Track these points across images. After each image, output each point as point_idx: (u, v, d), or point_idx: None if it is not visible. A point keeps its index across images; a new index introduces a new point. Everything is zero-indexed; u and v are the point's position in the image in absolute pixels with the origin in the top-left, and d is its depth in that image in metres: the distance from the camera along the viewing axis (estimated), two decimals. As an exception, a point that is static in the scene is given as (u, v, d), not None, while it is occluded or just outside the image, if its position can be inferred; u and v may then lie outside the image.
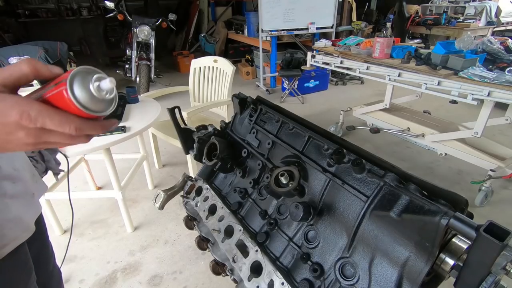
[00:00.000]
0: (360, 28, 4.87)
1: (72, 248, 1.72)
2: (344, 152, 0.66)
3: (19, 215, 0.57)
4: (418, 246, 0.50)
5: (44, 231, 0.80)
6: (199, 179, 1.02)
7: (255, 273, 0.70)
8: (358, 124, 2.96)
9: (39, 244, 0.77)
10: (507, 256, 0.41)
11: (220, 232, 0.83)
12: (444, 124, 2.45)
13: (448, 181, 2.34)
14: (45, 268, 0.82)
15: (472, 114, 3.01)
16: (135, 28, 4.00)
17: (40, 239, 0.78)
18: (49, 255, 0.84)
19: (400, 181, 0.57)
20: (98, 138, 1.44)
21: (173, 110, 0.98)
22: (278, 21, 4.16)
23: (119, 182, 1.69)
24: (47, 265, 0.82)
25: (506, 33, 4.76)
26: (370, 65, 2.35)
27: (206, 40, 6.04)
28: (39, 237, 0.76)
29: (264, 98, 0.95)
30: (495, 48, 1.95)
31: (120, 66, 4.65)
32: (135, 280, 1.55)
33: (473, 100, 1.81)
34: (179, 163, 2.62)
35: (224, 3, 6.68)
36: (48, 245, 0.83)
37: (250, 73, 5.27)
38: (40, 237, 0.77)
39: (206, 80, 2.32)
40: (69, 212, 1.41)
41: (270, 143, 0.83)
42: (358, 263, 0.58)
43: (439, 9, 4.86)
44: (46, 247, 0.81)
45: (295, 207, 0.65)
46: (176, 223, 1.92)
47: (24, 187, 0.60)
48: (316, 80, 4.45)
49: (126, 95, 1.89)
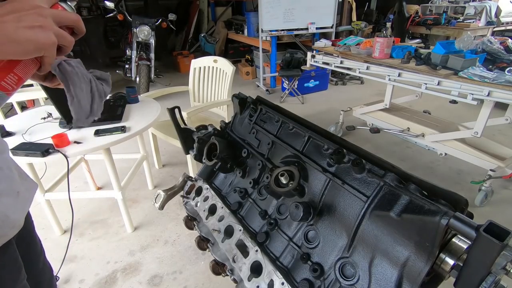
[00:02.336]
0: (360, 28, 4.87)
1: (72, 248, 1.72)
2: (344, 152, 0.66)
3: (5, 213, 0.57)
4: (418, 246, 0.50)
5: (31, 229, 0.79)
6: (199, 179, 1.02)
7: (255, 273, 0.70)
8: (358, 124, 2.96)
9: (28, 242, 0.77)
10: (507, 256, 0.41)
11: (220, 232, 0.83)
12: (444, 124, 2.45)
13: (448, 181, 2.34)
14: (35, 265, 0.81)
15: (472, 114, 3.01)
16: (135, 28, 3.99)
17: (28, 236, 0.77)
18: (39, 252, 0.83)
19: (400, 181, 0.57)
20: (98, 138, 1.44)
21: (173, 110, 0.98)
22: (278, 21, 4.16)
23: (119, 182, 1.69)
24: (37, 263, 0.82)
25: (506, 33, 4.76)
26: (370, 65, 2.35)
27: (206, 40, 6.04)
28: (27, 235, 0.76)
29: (264, 98, 0.95)
30: (495, 48, 1.95)
31: (120, 66, 4.65)
32: (135, 280, 1.55)
33: (473, 100, 1.81)
34: (179, 163, 2.62)
35: (224, 3, 6.68)
36: (37, 243, 0.82)
37: (250, 73, 5.27)
38: (28, 234, 0.77)
39: (206, 80, 2.32)
40: (69, 212, 1.41)
41: (270, 143, 0.83)
42: (358, 263, 0.58)
43: (439, 9, 4.86)
44: (35, 245, 0.81)
45: (295, 207, 0.65)
46: (176, 223, 1.92)
47: (8, 185, 0.60)
48: (316, 80, 4.45)
49: (126, 95, 1.89)
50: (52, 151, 1.31)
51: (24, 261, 0.69)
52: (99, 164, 2.28)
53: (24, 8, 0.39)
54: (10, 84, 0.43)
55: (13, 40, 0.38)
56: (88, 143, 1.40)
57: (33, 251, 0.80)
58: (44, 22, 0.40)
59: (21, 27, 0.38)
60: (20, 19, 0.38)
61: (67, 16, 0.43)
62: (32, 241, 0.79)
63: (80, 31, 0.47)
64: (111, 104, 1.81)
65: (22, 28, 0.38)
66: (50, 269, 0.90)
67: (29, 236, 0.78)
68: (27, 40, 0.38)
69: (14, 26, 0.37)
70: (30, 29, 0.38)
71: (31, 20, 0.38)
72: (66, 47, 0.45)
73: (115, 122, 1.58)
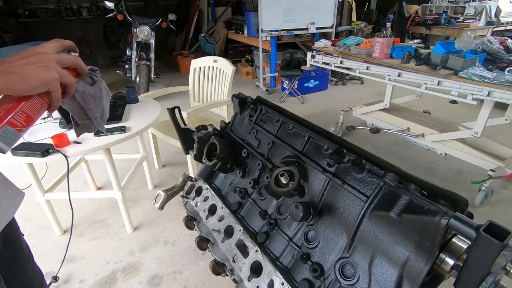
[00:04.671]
0: (360, 28, 4.87)
1: (72, 248, 1.72)
2: (344, 152, 0.66)
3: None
4: (418, 246, 0.50)
5: (18, 235, 0.79)
6: (199, 179, 1.02)
7: (255, 273, 0.70)
8: (358, 124, 2.96)
9: (15, 249, 0.76)
10: (507, 256, 0.41)
11: (220, 232, 0.83)
12: (444, 124, 2.45)
13: (448, 181, 2.34)
14: (24, 272, 0.81)
15: (472, 114, 3.01)
16: (135, 28, 3.99)
17: (15, 243, 0.77)
18: (27, 258, 0.82)
19: (400, 181, 0.57)
20: (98, 138, 1.44)
21: (173, 110, 0.98)
22: (278, 21, 4.16)
23: (119, 182, 1.68)
24: (25, 269, 0.82)
25: (506, 33, 4.76)
26: (370, 65, 2.35)
27: (206, 40, 6.04)
28: (14, 241, 0.76)
29: (264, 98, 0.95)
30: (495, 48, 1.95)
31: (120, 66, 4.64)
32: (135, 280, 1.55)
33: (473, 100, 1.81)
34: (179, 163, 2.62)
35: (224, 3, 6.68)
36: (24, 249, 0.81)
37: (250, 73, 5.27)
38: (15, 241, 0.76)
39: (206, 80, 2.32)
40: (69, 212, 1.41)
41: (270, 143, 0.83)
42: (358, 263, 0.58)
43: (439, 9, 4.86)
44: (21, 252, 0.80)
45: (295, 207, 0.65)
46: (176, 223, 1.92)
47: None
48: (316, 80, 4.45)
49: (126, 95, 1.89)
50: (52, 151, 1.31)
51: (13, 268, 0.69)
52: (99, 164, 2.28)
53: (32, 54, 0.47)
54: (18, 121, 0.48)
55: (22, 78, 0.45)
56: (88, 143, 1.40)
57: (20, 258, 0.79)
58: (48, 63, 0.47)
59: (28, 67, 0.45)
60: (27, 62, 0.46)
61: (67, 58, 0.52)
62: (19, 248, 0.79)
63: (83, 71, 0.55)
64: (111, 104, 1.81)
65: (30, 67, 0.45)
66: (40, 274, 0.89)
67: (16, 243, 0.77)
68: (33, 77, 0.45)
69: (23, 68, 0.45)
70: (36, 68, 0.46)
71: (37, 61, 0.46)
72: (69, 86, 0.52)
73: (115, 122, 1.58)
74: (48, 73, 0.47)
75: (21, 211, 1.98)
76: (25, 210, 2.05)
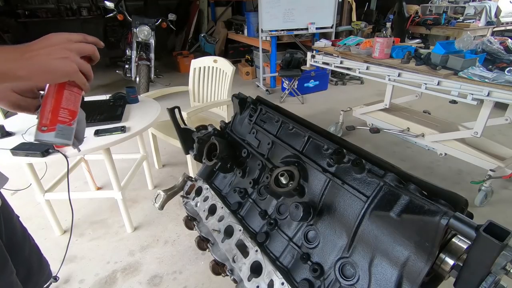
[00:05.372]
0: (360, 28, 4.87)
1: (72, 248, 1.72)
2: (344, 152, 0.66)
3: None
4: (418, 246, 0.50)
5: (11, 218, 0.83)
6: (199, 179, 1.02)
7: (255, 273, 0.70)
8: (358, 124, 2.96)
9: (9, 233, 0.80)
10: (507, 256, 0.41)
11: (220, 232, 0.83)
12: (444, 124, 2.45)
13: (448, 181, 2.34)
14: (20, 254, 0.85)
15: (472, 114, 3.01)
16: (135, 28, 3.99)
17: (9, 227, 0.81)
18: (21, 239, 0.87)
19: (400, 181, 0.57)
20: (98, 138, 1.44)
21: (173, 110, 0.98)
22: (278, 21, 4.16)
23: (119, 182, 1.68)
24: (22, 251, 0.86)
25: (505, 33, 4.76)
26: (370, 65, 2.35)
27: (206, 40, 6.03)
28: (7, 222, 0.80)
29: (264, 98, 0.95)
30: (495, 48, 1.95)
31: (120, 66, 4.64)
32: (135, 280, 1.55)
33: (472, 100, 1.81)
34: (179, 163, 2.62)
35: (224, 3, 6.67)
36: (17, 230, 0.86)
37: (250, 73, 5.27)
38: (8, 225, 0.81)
39: (206, 80, 2.32)
40: (69, 212, 1.41)
41: (270, 143, 0.83)
42: (358, 263, 0.58)
43: (439, 9, 4.86)
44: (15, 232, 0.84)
45: (295, 207, 0.65)
46: (176, 223, 1.92)
47: None
48: (316, 80, 4.45)
49: (126, 95, 1.89)
50: (52, 151, 1.31)
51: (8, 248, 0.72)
52: (99, 164, 2.28)
53: (54, 43, 0.49)
54: (65, 117, 0.55)
55: (44, 70, 0.47)
56: (88, 143, 1.40)
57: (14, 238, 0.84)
58: (69, 54, 0.50)
59: (51, 59, 0.48)
60: (50, 53, 0.48)
61: (88, 48, 0.55)
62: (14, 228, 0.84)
63: (96, 58, 0.58)
64: (111, 104, 1.81)
65: (53, 59, 0.48)
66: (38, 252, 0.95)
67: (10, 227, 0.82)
68: (56, 69, 0.49)
69: (46, 58, 0.47)
70: (58, 60, 0.48)
71: (59, 53, 0.49)
72: (87, 73, 0.55)
73: (115, 122, 1.58)
74: (69, 65, 0.50)
75: (21, 211, 1.98)
76: (25, 210, 2.05)
